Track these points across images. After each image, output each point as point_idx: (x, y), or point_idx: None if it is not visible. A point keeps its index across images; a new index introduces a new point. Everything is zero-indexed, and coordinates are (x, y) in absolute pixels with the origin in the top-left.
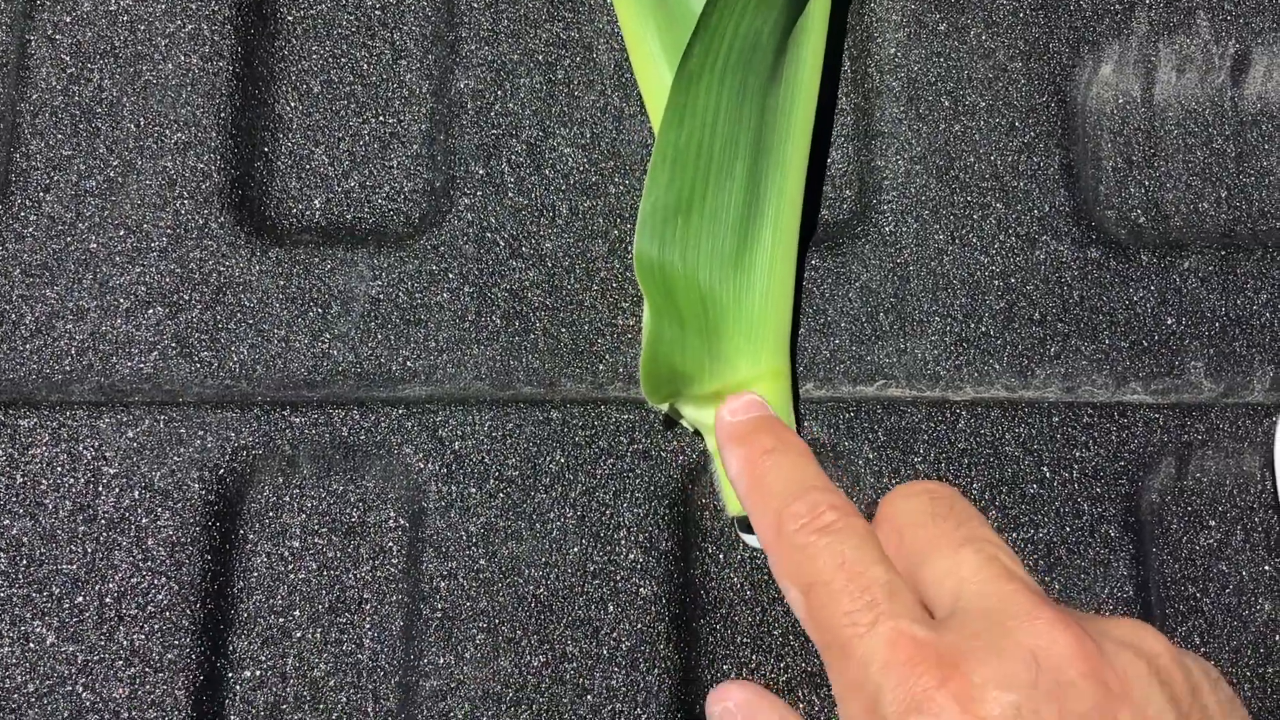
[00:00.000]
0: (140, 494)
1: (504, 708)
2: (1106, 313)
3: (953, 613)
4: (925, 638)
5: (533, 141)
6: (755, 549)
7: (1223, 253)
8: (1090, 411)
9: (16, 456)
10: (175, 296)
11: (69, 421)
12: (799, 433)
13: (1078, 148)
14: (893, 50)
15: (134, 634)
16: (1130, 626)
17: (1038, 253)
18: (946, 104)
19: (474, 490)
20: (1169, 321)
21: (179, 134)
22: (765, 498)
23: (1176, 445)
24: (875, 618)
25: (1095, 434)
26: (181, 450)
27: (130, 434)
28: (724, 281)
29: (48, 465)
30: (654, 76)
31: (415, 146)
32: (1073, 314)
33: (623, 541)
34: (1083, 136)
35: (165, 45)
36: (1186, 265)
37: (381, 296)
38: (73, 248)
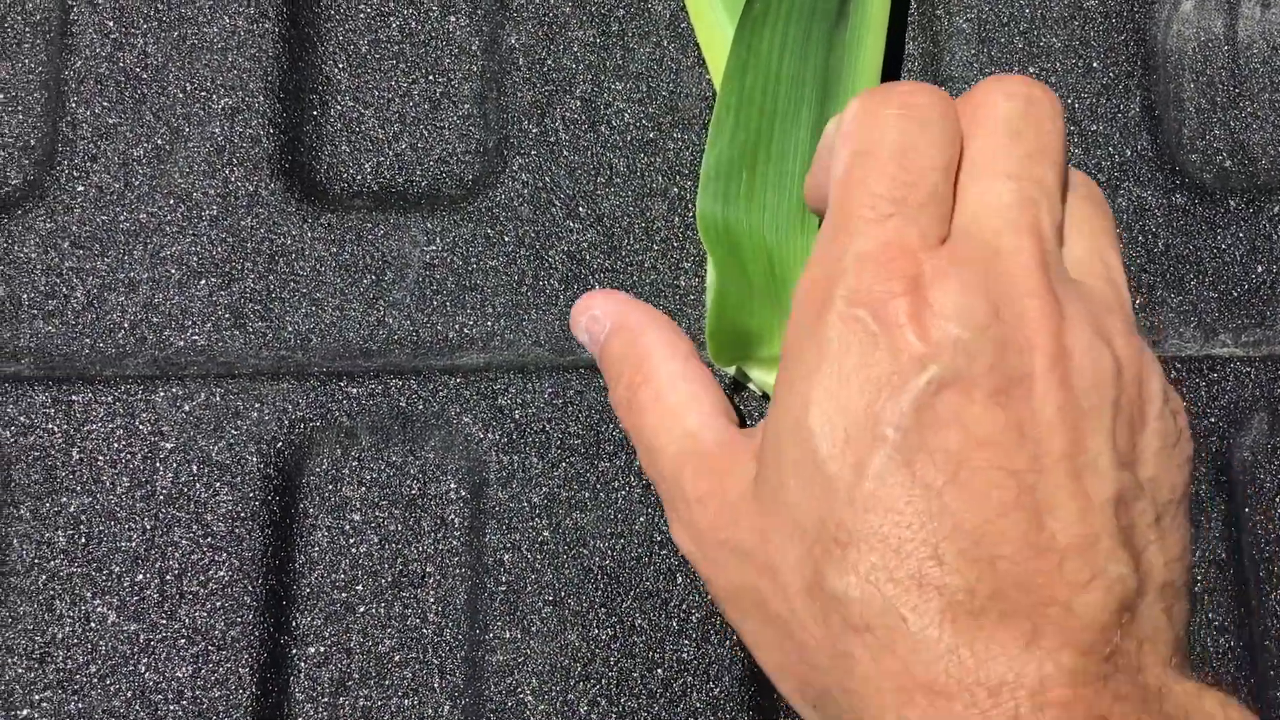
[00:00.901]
0: (198, 468)
1: (572, 682)
2: (1193, 261)
3: (958, 234)
4: (919, 253)
5: (587, 97)
6: None
7: None
8: (1178, 365)
9: (73, 432)
10: (227, 266)
11: (124, 396)
12: None
13: (1159, 89)
14: None
15: (196, 611)
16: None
17: (1120, 199)
18: (1020, 45)
19: (536, 460)
20: (1259, 270)
21: (226, 99)
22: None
23: (1269, 400)
24: (894, 211)
25: (1183, 389)
26: (238, 423)
27: (186, 407)
28: (791, 238)
29: (104, 441)
30: (711, 25)
31: (466, 106)
32: (1158, 263)
33: None
34: (1164, 77)
35: (209, 7)
36: (1277, 210)
37: (436, 262)
38: (122, 218)
